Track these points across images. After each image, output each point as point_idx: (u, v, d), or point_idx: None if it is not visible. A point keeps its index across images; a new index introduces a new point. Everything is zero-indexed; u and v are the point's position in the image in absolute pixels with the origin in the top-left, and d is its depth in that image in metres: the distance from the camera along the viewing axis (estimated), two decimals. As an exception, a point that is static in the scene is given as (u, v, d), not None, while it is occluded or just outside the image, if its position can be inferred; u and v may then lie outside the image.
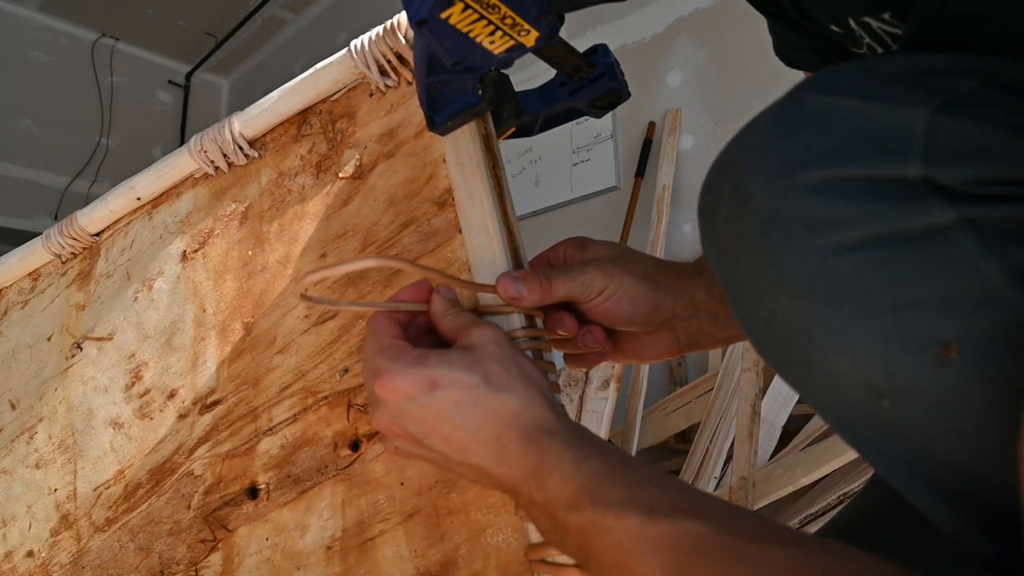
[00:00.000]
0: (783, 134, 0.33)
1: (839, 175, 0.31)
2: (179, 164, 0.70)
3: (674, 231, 2.30)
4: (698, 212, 0.38)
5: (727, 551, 0.33)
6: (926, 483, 0.32)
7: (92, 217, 0.76)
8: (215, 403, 0.64)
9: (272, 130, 0.66)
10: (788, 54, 0.60)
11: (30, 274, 0.84)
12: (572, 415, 1.45)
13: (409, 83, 0.58)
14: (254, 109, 0.65)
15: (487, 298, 0.49)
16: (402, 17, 0.54)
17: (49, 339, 0.79)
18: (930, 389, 0.30)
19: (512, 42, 0.42)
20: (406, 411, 0.43)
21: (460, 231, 0.52)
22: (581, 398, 1.55)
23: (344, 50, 0.58)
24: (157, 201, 0.73)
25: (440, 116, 0.50)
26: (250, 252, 0.65)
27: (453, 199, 0.53)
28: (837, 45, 0.51)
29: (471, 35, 0.40)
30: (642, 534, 0.35)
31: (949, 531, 0.32)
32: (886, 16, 0.43)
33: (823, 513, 1.40)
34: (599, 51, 0.55)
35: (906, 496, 0.33)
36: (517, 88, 0.55)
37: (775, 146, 0.33)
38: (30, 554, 0.74)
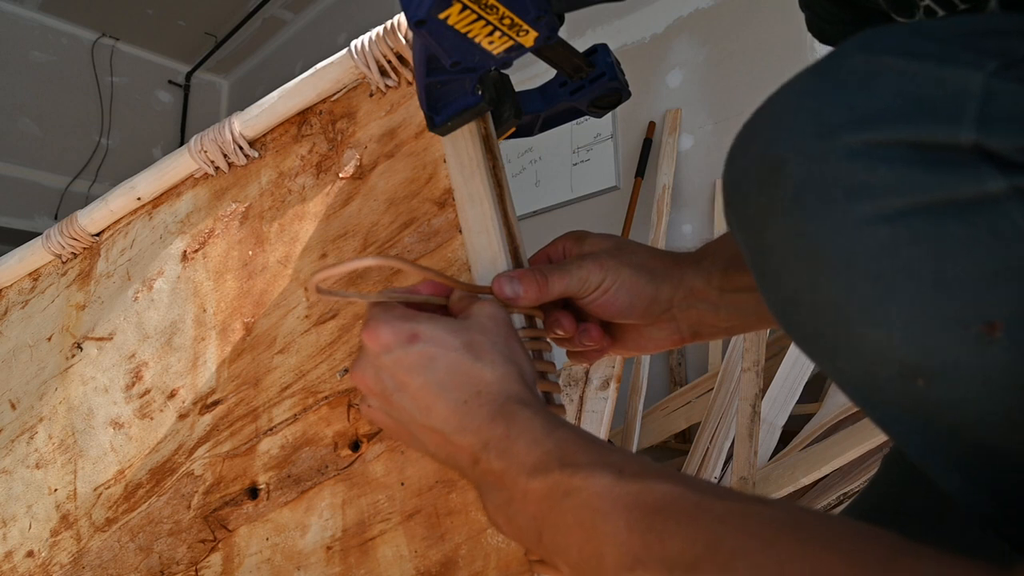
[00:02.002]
0: (821, 95, 0.31)
1: (882, 139, 0.29)
2: (179, 164, 0.70)
3: (674, 231, 2.30)
4: (723, 181, 0.36)
5: (698, 508, 0.32)
6: (958, 466, 0.31)
7: (92, 217, 0.76)
8: (215, 403, 0.64)
9: (272, 130, 0.66)
10: (822, 29, 0.57)
11: (30, 274, 0.84)
12: (572, 415, 1.45)
13: (409, 83, 0.58)
14: (254, 109, 0.65)
15: (487, 297, 0.49)
16: (402, 17, 0.54)
17: (49, 339, 0.79)
18: (970, 370, 0.28)
19: (511, 42, 0.42)
20: (382, 361, 0.43)
21: (460, 231, 0.52)
22: (581, 398, 1.55)
23: (344, 50, 0.58)
24: (157, 201, 0.73)
25: (440, 116, 0.50)
26: (250, 252, 0.65)
27: (453, 199, 0.53)
28: (879, 16, 0.49)
29: (470, 35, 0.40)
30: (611, 492, 0.34)
31: (979, 517, 0.31)
32: None
33: (823, 513, 1.40)
34: (599, 51, 0.55)
35: (935, 479, 0.32)
36: (517, 88, 0.55)
37: (812, 108, 0.31)
38: (30, 554, 0.74)
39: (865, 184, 0.29)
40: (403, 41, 0.55)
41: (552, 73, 0.56)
